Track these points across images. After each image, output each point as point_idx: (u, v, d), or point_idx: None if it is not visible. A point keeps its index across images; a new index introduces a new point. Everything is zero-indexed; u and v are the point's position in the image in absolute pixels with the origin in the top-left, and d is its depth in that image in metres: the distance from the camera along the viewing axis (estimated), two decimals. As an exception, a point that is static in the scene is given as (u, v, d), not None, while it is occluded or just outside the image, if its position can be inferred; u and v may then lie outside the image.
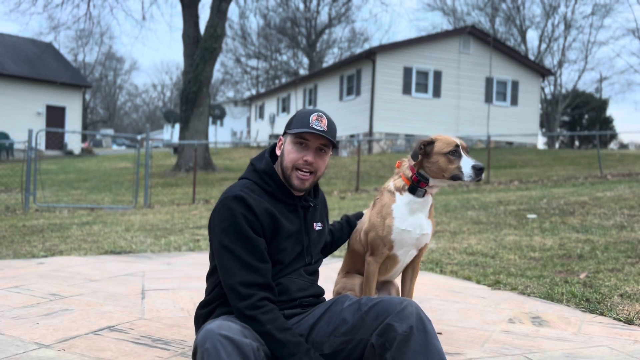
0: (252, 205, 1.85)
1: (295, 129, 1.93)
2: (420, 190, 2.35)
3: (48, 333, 2.59)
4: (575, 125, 38.65)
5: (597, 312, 3.15)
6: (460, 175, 2.25)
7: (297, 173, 1.95)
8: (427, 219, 2.42)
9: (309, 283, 2.04)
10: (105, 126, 58.53)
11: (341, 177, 15.89)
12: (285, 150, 1.97)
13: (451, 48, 22.19)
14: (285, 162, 1.96)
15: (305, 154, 1.95)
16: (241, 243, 1.82)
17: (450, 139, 2.31)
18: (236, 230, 1.83)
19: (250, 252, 1.82)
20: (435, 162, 2.30)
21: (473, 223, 6.91)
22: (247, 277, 1.80)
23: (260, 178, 1.98)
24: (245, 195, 1.87)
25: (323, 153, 1.98)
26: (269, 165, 2.00)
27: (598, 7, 42.49)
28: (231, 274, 1.81)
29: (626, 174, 13.61)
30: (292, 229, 1.97)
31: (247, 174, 2.02)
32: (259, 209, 1.86)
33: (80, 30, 38.40)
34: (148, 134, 11.29)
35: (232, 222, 1.83)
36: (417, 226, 2.38)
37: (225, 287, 1.84)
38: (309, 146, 1.95)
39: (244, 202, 1.85)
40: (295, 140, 1.94)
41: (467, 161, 2.25)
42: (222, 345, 1.58)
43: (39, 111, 26.33)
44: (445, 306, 3.29)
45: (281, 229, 1.92)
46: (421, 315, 1.73)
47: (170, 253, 5.26)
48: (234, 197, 1.86)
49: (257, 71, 45.00)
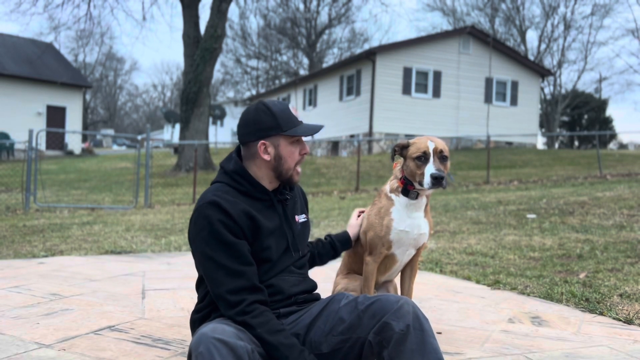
0: (228, 209, 1.83)
1: (291, 129, 1.92)
2: (411, 192, 2.36)
3: (48, 333, 2.60)
4: (575, 125, 38.66)
5: (597, 312, 3.15)
6: (422, 182, 2.25)
7: (296, 169, 1.98)
8: (424, 219, 2.43)
9: (300, 278, 2.03)
10: (106, 126, 58.54)
11: (341, 177, 15.90)
12: (284, 154, 1.94)
13: (451, 48, 22.19)
14: (287, 164, 1.95)
15: (301, 148, 1.98)
16: (222, 250, 1.80)
17: (421, 144, 2.29)
18: (215, 238, 1.81)
19: (233, 257, 1.81)
20: (408, 167, 2.33)
21: (473, 223, 6.92)
22: (233, 284, 1.79)
23: (232, 179, 1.95)
24: (218, 199, 1.84)
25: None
26: (237, 164, 1.97)
27: (598, 7, 42.56)
28: (218, 284, 1.80)
29: (625, 174, 13.62)
30: (271, 225, 1.94)
31: (218, 177, 1.99)
32: (235, 212, 1.84)
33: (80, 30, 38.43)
34: (148, 134, 11.30)
35: (210, 229, 1.81)
36: (414, 226, 2.39)
37: (213, 296, 1.83)
38: (299, 139, 1.98)
39: (219, 207, 1.82)
40: (293, 140, 1.95)
41: (429, 168, 2.23)
42: (216, 348, 1.57)
43: (39, 111, 26.33)
44: (445, 306, 3.29)
45: (261, 227, 1.90)
46: (418, 313, 1.74)
47: (171, 253, 5.26)
48: (208, 204, 1.84)
49: (257, 71, 45.00)
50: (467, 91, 22.39)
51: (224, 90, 49.95)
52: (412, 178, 2.32)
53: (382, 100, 21.06)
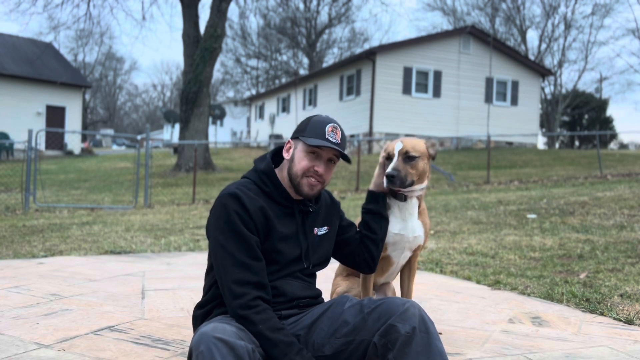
0: (246, 203, 1.87)
1: (310, 137, 1.93)
2: (399, 195, 2.35)
3: (48, 333, 2.59)
4: (575, 125, 38.65)
5: (597, 312, 3.15)
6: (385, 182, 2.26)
7: (307, 180, 1.96)
8: (417, 221, 2.42)
9: (305, 285, 2.04)
10: (105, 126, 58.55)
11: (341, 177, 15.90)
12: (296, 157, 1.97)
13: (451, 48, 22.19)
14: (295, 168, 1.96)
15: (317, 164, 1.96)
16: (234, 240, 1.84)
17: (390, 146, 2.30)
18: (229, 227, 1.85)
19: (243, 249, 1.84)
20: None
21: (473, 223, 6.91)
22: (240, 275, 1.81)
23: (259, 178, 1.99)
24: (240, 193, 1.89)
25: (332, 164, 2.00)
26: (268, 166, 2.01)
27: (598, 7, 42.57)
28: (225, 272, 1.82)
29: (626, 174, 13.61)
30: (286, 231, 1.96)
31: (248, 173, 2.04)
32: (252, 207, 1.88)
33: (80, 30, 38.43)
34: (148, 134, 11.29)
35: (226, 219, 1.86)
36: (409, 229, 2.38)
37: (220, 285, 1.86)
38: (321, 156, 1.96)
39: (238, 200, 1.87)
40: (309, 150, 1.95)
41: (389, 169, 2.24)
42: (217, 347, 1.58)
43: (39, 111, 26.32)
44: (445, 306, 3.29)
45: (274, 230, 1.92)
46: (424, 316, 1.74)
47: (170, 253, 5.26)
48: (229, 195, 1.89)
49: (257, 71, 45.00)
50: (467, 91, 22.38)
51: (224, 90, 49.98)
52: None
53: (382, 100, 21.06)
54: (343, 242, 2.23)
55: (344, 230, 2.24)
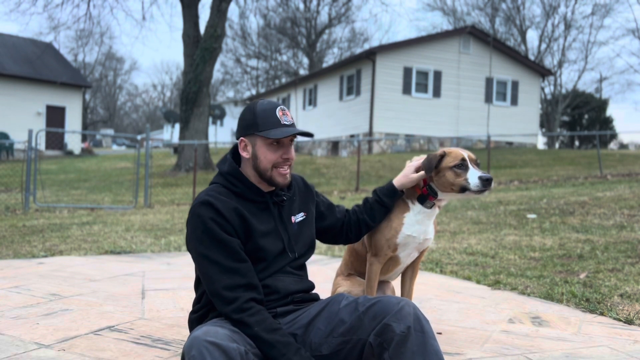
0: (219, 208, 1.86)
1: (266, 130, 1.90)
2: (428, 202, 2.39)
3: (48, 333, 2.59)
4: (575, 125, 38.65)
5: (597, 312, 3.15)
6: (467, 186, 2.26)
7: (277, 171, 1.95)
8: (431, 225, 2.47)
9: (297, 278, 2.03)
10: (105, 126, 58.54)
11: (341, 177, 15.89)
12: (259, 154, 1.93)
13: (451, 48, 22.18)
14: (262, 164, 1.94)
15: (282, 152, 1.94)
16: (216, 247, 1.83)
17: (458, 153, 2.32)
18: (208, 236, 1.84)
19: (226, 254, 1.83)
20: (443, 176, 2.32)
21: (473, 223, 6.91)
22: (228, 281, 1.80)
23: (226, 180, 1.97)
24: (211, 199, 1.87)
25: (292, 143, 1.99)
26: (232, 166, 1.99)
27: (598, 7, 42.61)
28: (213, 281, 1.81)
29: (626, 174, 13.61)
30: (265, 228, 1.95)
31: (215, 178, 2.02)
32: (226, 210, 1.87)
33: (80, 30, 38.43)
34: (148, 134, 11.29)
35: (204, 228, 1.84)
36: (422, 232, 2.42)
37: (210, 294, 1.84)
38: (284, 143, 1.95)
39: (211, 206, 1.86)
40: (271, 142, 1.92)
41: (473, 172, 2.27)
42: (209, 351, 1.57)
43: (39, 111, 26.32)
44: (445, 306, 3.29)
45: (253, 229, 1.91)
46: (419, 315, 1.74)
47: (171, 253, 5.26)
48: (201, 203, 1.87)
49: (257, 71, 45.00)
50: (467, 91, 22.38)
51: (224, 90, 49.98)
52: (449, 187, 2.31)
53: (382, 100, 21.05)
54: (326, 229, 2.26)
55: (324, 216, 2.25)
